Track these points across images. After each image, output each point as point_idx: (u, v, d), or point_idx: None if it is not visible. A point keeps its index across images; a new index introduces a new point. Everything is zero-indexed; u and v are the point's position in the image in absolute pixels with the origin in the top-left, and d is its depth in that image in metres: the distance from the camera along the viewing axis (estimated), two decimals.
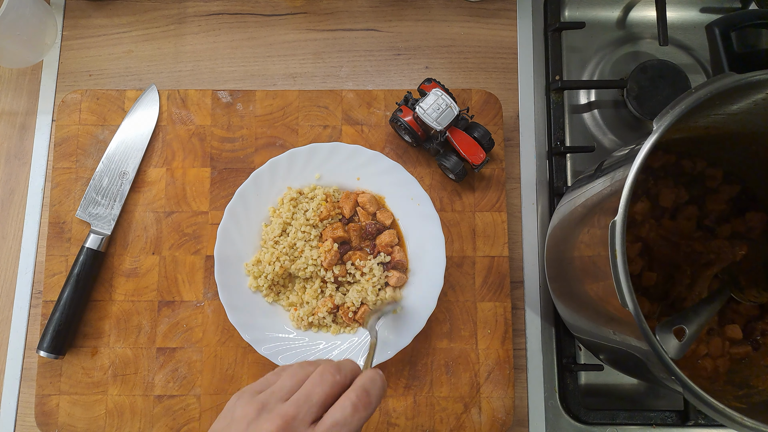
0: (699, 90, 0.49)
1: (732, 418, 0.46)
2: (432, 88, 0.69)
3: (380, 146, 0.75)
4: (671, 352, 0.53)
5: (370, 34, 0.80)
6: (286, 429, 0.40)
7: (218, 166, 0.74)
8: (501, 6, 0.81)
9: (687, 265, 0.66)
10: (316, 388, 0.43)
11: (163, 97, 0.76)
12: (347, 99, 0.76)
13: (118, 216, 0.72)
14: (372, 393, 0.43)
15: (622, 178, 0.48)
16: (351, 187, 0.72)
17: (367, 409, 0.42)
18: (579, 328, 0.63)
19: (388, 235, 0.70)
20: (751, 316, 0.66)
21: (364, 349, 0.67)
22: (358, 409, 0.42)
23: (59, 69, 0.78)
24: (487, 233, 0.73)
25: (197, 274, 0.72)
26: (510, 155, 0.77)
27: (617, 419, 0.70)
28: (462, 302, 0.72)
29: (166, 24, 0.80)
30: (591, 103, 0.80)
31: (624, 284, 0.45)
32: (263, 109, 0.75)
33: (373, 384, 0.44)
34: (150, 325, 0.71)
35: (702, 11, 0.82)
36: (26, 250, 0.74)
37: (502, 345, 0.71)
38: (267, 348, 0.67)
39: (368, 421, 0.69)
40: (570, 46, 0.81)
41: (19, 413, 0.70)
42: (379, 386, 0.44)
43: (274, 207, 0.71)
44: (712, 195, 0.68)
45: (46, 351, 0.67)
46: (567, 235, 0.61)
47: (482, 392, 0.70)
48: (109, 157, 0.73)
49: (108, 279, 0.72)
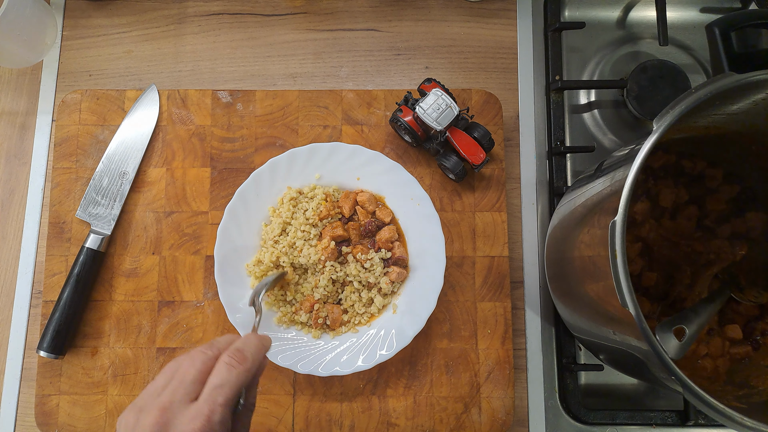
0: (699, 90, 0.49)
1: (732, 418, 0.46)
2: (432, 88, 0.69)
3: (380, 146, 0.75)
4: (671, 352, 0.53)
5: (370, 34, 0.80)
6: (164, 415, 0.40)
7: (218, 166, 0.74)
8: (501, 6, 0.81)
9: (687, 265, 0.66)
10: (189, 369, 0.43)
11: (163, 97, 0.76)
12: (347, 99, 0.76)
13: (118, 216, 0.72)
14: (245, 350, 0.45)
15: (622, 178, 0.48)
16: (351, 187, 0.72)
17: (242, 364, 0.44)
18: (579, 328, 0.63)
19: (387, 231, 0.70)
20: (751, 316, 0.66)
21: (365, 349, 0.67)
22: (233, 366, 0.43)
23: (59, 69, 0.78)
24: (487, 233, 0.73)
25: (197, 274, 0.72)
26: (510, 155, 0.77)
27: (617, 419, 0.70)
28: (462, 302, 0.72)
29: (166, 24, 0.80)
30: (591, 103, 0.80)
31: (624, 284, 0.45)
32: (263, 109, 0.75)
33: (246, 343, 0.46)
34: (150, 325, 0.71)
35: (702, 11, 0.82)
36: (26, 250, 0.74)
37: (502, 345, 0.71)
38: None
39: (368, 422, 0.69)
40: (570, 46, 0.81)
41: (19, 413, 0.70)
42: (253, 344, 0.46)
43: (273, 207, 0.71)
44: (712, 195, 0.68)
45: (46, 351, 0.67)
46: (567, 235, 0.61)
47: (482, 392, 0.70)
48: (109, 157, 0.73)
49: (108, 279, 0.72)
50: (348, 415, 0.69)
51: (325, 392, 0.70)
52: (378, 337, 0.68)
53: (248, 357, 0.45)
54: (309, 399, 0.69)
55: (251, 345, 0.46)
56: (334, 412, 0.69)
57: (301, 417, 0.69)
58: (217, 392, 0.42)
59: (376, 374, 0.70)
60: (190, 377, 0.43)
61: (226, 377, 0.43)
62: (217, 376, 0.43)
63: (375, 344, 0.67)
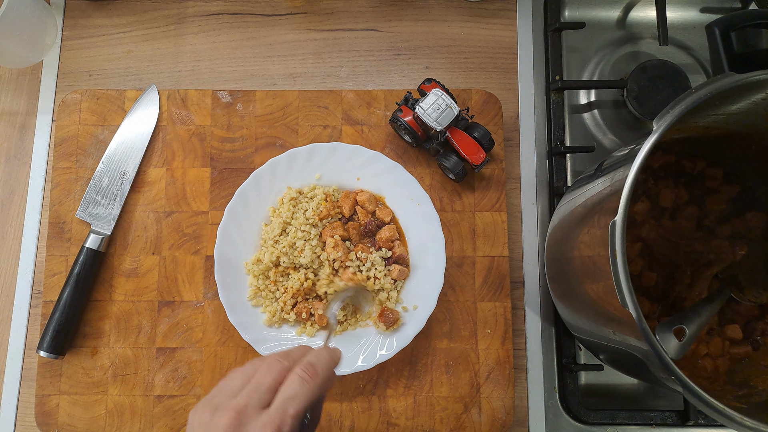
0: (699, 90, 0.49)
1: (732, 418, 0.46)
2: (432, 88, 0.69)
3: (380, 146, 0.75)
4: (671, 352, 0.53)
5: (370, 34, 0.80)
6: (239, 418, 0.41)
7: (218, 166, 0.74)
8: (501, 6, 0.81)
9: (687, 265, 0.66)
10: (266, 377, 0.44)
11: (163, 97, 0.76)
12: (347, 99, 0.76)
13: (118, 216, 0.72)
14: (317, 364, 0.46)
15: (622, 178, 0.48)
16: (351, 187, 0.72)
17: (314, 379, 0.44)
18: (579, 328, 0.63)
19: (387, 230, 0.70)
20: (751, 316, 0.66)
21: (365, 349, 0.67)
22: (305, 380, 0.44)
23: (59, 69, 0.78)
24: (487, 233, 0.73)
25: (197, 274, 0.72)
26: (510, 155, 0.77)
27: (617, 419, 0.70)
28: (462, 302, 0.72)
29: (166, 24, 0.80)
30: (591, 103, 0.80)
31: (624, 284, 0.45)
32: (263, 109, 0.75)
33: (318, 357, 0.47)
34: (150, 325, 0.71)
35: (702, 11, 0.82)
36: (26, 250, 0.74)
37: (502, 345, 0.71)
38: (267, 348, 0.67)
39: (368, 422, 0.69)
40: (570, 46, 0.81)
41: (19, 413, 0.70)
42: (324, 358, 0.47)
43: (273, 207, 0.71)
44: (712, 195, 0.68)
45: (46, 351, 0.67)
46: (567, 235, 0.61)
47: (482, 392, 0.70)
48: (109, 157, 0.73)
49: (108, 279, 0.72)
50: (348, 415, 0.69)
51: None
52: (378, 337, 0.68)
53: (319, 372, 0.45)
54: None
55: (323, 360, 0.47)
56: (334, 412, 0.69)
57: None
58: (289, 403, 0.42)
59: (376, 374, 0.70)
60: (266, 385, 0.44)
61: (299, 390, 0.43)
62: (290, 387, 0.44)
63: (375, 344, 0.67)
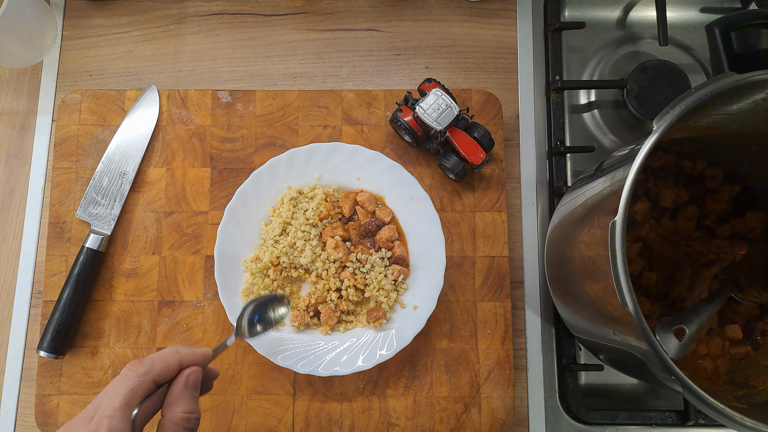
0: (699, 90, 0.49)
1: (732, 418, 0.46)
2: (432, 88, 0.69)
3: (380, 146, 0.75)
4: (671, 352, 0.52)
5: (370, 34, 0.80)
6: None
7: (218, 166, 0.74)
8: (501, 6, 0.81)
9: (687, 265, 0.66)
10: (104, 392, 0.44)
11: (163, 97, 0.76)
12: (347, 99, 0.76)
13: (118, 216, 0.72)
14: (146, 359, 0.46)
15: (622, 178, 0.48)
16: (351, 187, 0.72)
17: (134, 370, 0.44)
18: (579, 328, 0.63)
19: (387, 230, 0.70)
20: (751, 316, 0.66)
21: (365, 349, 0.67)
22: (125, 375, 0.44)
23: (59, 69, 0.78)
24: (487, 233, 0.73)
25: (197, 274, 0.72)
26: (510, 155, 0.77)
27: (617, 419, 0.70)
28: (462, 302, 0.72)
29: (166, 24, 0.80)
30: (591, 103, 0.80)
31: (624, 284, 0.45)
32: (263, 109, 0.75)
33: (156, 354, 0.47)
34: (150, 325, 0.71)
35: (702, 11, 0.82)
36: (26, 250, 0.74)
37: (502, 345, 0.71)
38: (267, 348, 0.67)
39: (368, 422, 0.69)
40: (570, 46, 0.81)
41: (19, 413, 0.70)
42: (160, 352, 0.47)
43: (274, 207, 0.71)
44: (712, 195, 0.68)
45: (46, 351, 0.67)
46: (567, 235, 0.61)
47: (482, 392, 0.70)
48: (109, 157, 0.73)
49: (108, 279, 0.72)
50: (348, 415, 0.69)
51: (325, 392, 0.70)
52: (378, 337, 0.68)
53: (145, 363, 0.45)
54: (309, 399, 0.69)
55: (157, 354, 0.47)
56: (334, 412, 0.69)
57: (301, 417, 0.69)
58: (106, 404, 0.42)
59: (376, 374, 0.70)
60: (100, 397, 0.44)
61: (116, 387, 0.43)
62: (109, 388, 0.43)
63: (375, 344, 0.67)
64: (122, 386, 0.43)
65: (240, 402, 0.69)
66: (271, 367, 0.70)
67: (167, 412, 0.45)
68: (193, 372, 0.46)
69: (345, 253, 0.68)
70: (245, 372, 0.70)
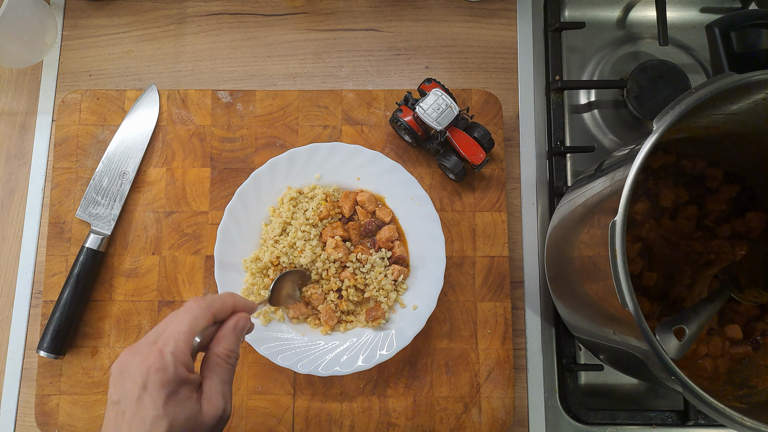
0: (699, 90, 0.49)
1: (732, 418, 0.46)
2: (432, 88, 0.69)
3: (380, 146, 0.75)
4: (671, 352, 0.53)
5: (370, 34, 0.80)
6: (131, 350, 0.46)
7: (218, 166, 0.74)
8: (501, 6, 0.81)
9: (687, 265, 0.66)
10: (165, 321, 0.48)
11: (163, 97, 0.76)
12: (347, 99, 0.76)
13: (118, 216, 0.72)
14: (202, 297, 0.50)
15: (622, 178, 0.48)
16: (351, 187, 0.72)
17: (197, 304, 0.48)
18: (579, 328, 0.63)
19: (387, 230, 0.70)
20: (751, 316, 0.66)
21: (365, 349, 0.67)
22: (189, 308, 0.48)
23: (59, 69, 0.78)
24: (487, 233, 0.73)
25: (197, 274, 0.72)
26: (510, 155, 0.77)
27: (617, 419, 0.70)
28: (462, 302, 0.72)
29: (166, 24, 0.80)
30: (591, 103, 0.80)
31: (624, 284, 0.45)
32: (263, 109, 0.75)
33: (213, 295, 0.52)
34: (150, 325, 0.71)
35: (702, 11, 0.82)
36: (26, 250, 0.74)
37: (502, 345, 0.71)
38: (267, 348, 0.67)
39: (368, 422, 0.69)
40: (570, 46, 0.81)
41: (19, 413, 0.70)
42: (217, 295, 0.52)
43: (273, 207, 0.71)
44: (712, 195, 0.68)
45: (46, 351, 0.67)
46: (567, 235, 0.61)
47: (482, 392, 0.70)
48: (109, 157, 0.73)
49: (108, 279, 0.72)
50: (348, 415, 0.69)
51: (325, 392, 0.70)
52: (378, 337, 0.68)
53: (207, 299, 0.49)
54: (309, 399, 0.69)
55: (216, 295, 0.52)
56: (334, 412, 0.69)
57: (301, 417, 0.69)
58: (172, 327, 0.46)
59: (376, 374, 0.70)
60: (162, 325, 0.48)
61: (181, 316, 0.47)
62: (173, 316, 0.48)
63: (375, 344, 0.67)
64: (188, 314, 0.47)
65: (240, 402, 0.69)
66: (271, 367, 0.70)
67: (214, 346, 0.49)
68: (242, 317, 0.51)
69: (345, 253, 0.68)
70: (245, 372, 0.70)
